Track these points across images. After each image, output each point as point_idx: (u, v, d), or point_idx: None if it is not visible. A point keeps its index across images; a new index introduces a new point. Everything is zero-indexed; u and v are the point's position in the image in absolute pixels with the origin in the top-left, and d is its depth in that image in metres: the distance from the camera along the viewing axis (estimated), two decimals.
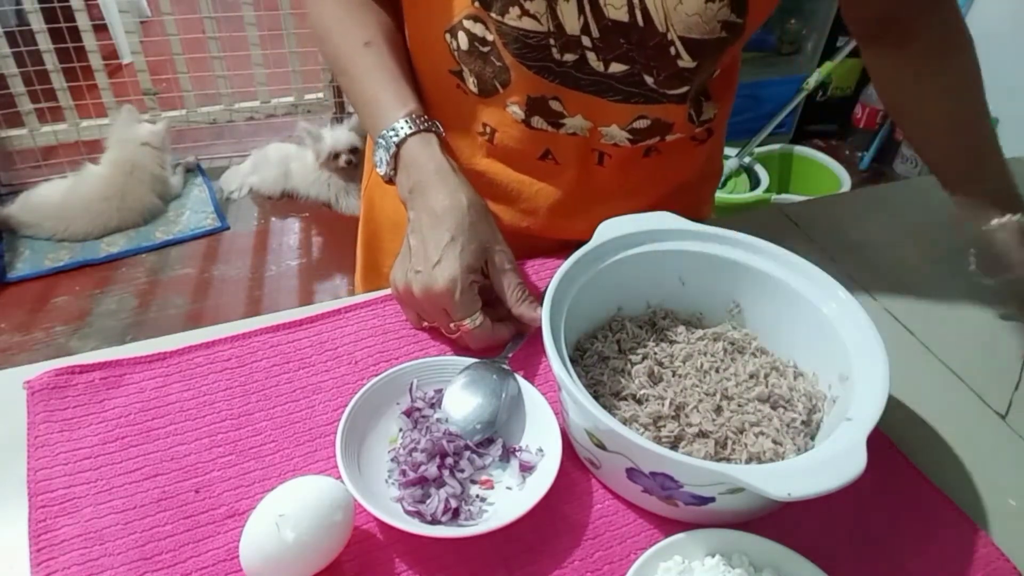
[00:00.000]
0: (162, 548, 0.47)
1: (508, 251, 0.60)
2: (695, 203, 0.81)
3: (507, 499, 0.50)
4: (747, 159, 2.25)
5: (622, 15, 0.58)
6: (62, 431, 0.53)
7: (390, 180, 0.64)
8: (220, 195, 2.38)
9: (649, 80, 0.62)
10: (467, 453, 0.52)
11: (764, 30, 2.56)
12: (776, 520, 0.50)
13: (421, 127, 0.61)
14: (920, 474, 0.55)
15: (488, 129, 0.69)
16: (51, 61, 2.13)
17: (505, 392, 0.55)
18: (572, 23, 0.58)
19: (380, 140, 0.62)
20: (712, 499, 0.46)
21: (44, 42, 2.09)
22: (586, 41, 0.60)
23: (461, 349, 0.61)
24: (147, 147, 2.19)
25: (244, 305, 2.04)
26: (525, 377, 0.56)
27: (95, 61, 2.19)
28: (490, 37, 0.61)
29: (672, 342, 0.59)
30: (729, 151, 2.28)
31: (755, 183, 2.23)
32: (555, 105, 0.65)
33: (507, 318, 0.61)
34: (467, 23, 0.62)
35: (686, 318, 0.62)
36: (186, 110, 2.42)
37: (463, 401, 0.54)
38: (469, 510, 0.49)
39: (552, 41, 0.60)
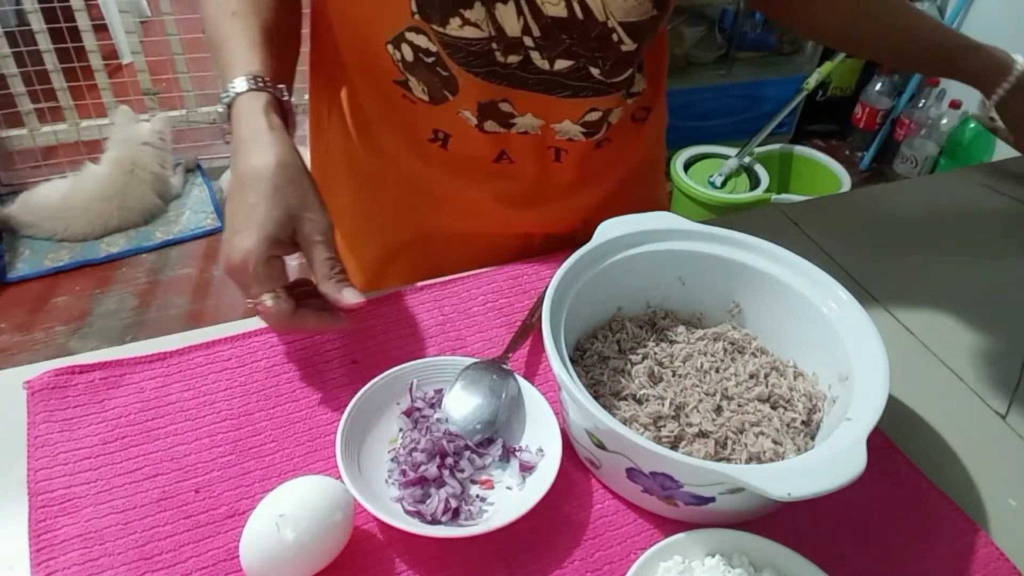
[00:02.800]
0: (162, 548, 0.47)
1: (321, 220, 0.54)
2: (649, 187, 0.83)
3: (507, 499, 0.50)
4: (747, 159, 2.25)
5: (560, 11, 0.58)
6: (62, 431, 0.53)
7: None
8: (220, 195, 2.37)
9: (595, 72, 0.63)
10: (467, 453, 0.52)
11: (764, 30, 2.56)
12: (776, 520, 0.50)
13: (254, 86, 0.56)
14: (920, 474, 0.55)
15: (441, 135, 0.68)
16: (51, 61, 2.12)
17: (505, 392, 0.55)
18: (512, 25, 0.58)
19: (221, 99, 0.58)
20: (712, 499, 0.46)
21: (44, 42, 2.09)
22: (528, 41, 0.59)
23: (461, 349, 0.61)
24: (148, 146, 2.19)
25: (244, 305, 2.04)
26: (525, 377, 0.56)
27: (95, 61, 2.19)
28: (433, 48, 0.61)
29: (672, 342, 0.59)
30: (729, 151, 2.28)
31: (755, 183, 2.23)
32: (505, 107, 0.65)
33: (332, 308, 0.55)
34: (409, 35, 0.61)
35: (686, 318, 0.62)
36: (186, 110, 2.41)
37: (463, 401, 0.54)
38: (469, 510, 0.49)
39: (495, 45, 0.59)
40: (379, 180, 0.74)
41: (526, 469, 0.52)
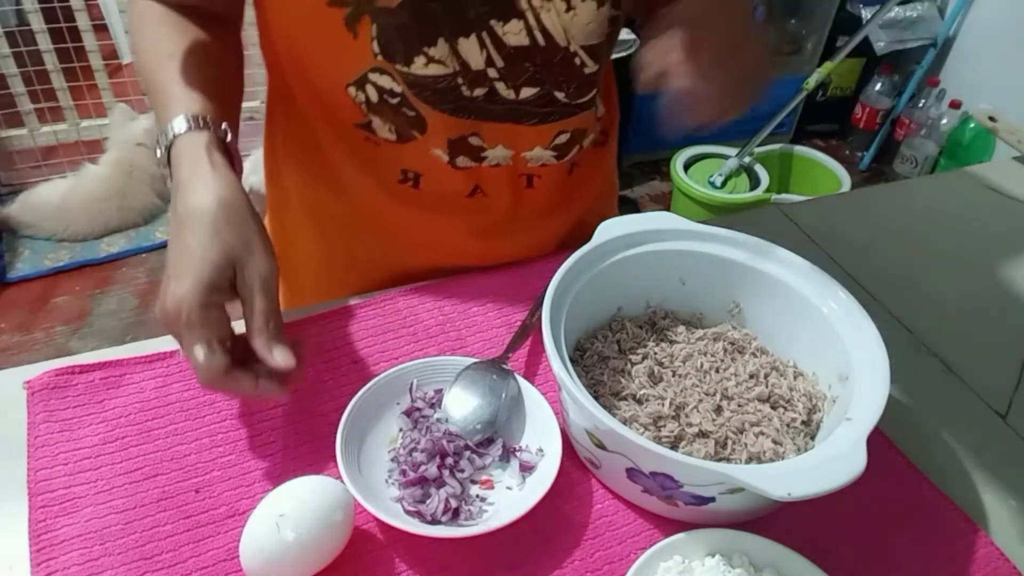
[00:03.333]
0: (162, 548, 0.47)
1: (264, 265, 0.49)
2: (606, 214, 0.79)
3: (507, 499, 0.50)
4: (747, 159, 2.25)
5: (522, 39, 0.57)
6: (62, 431, 0.53)
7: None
8: None
9: (561, 96, 0.62)
10: (467, 453, 0.52)
11: (764, 30, 2.56)
12: (776, 520, 0.50)
13: (195, 126, 0.53)
14: (920, 474, 0.55)
15: (411, 175, 0.66)
16: (51, 61, 2.12)
17: (505, 392, 0.55)
18: (476, 59, 0.58)
19: (156, 147, 0.55)
20: (712, 499, 0.46)
21: (44, 42, 2.09)
22: (492, 73, 0.59)
23: (462, 349, 0.61)
24: (143, 147, 2.19)
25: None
26: (525, 377, 0.56)
27: (95, 61, 2.19)
28: (398, 88, 0.60)
29: (672, 342, 0.59)
30: (729, 151, 2.28)
31: (755, 183, 2.23)
32: (474, 140, 0.64)
33: (278, 374, 0.49)
34: (373, 76, 0.59)
35: (686, 318, 0.62)
36: None
37: (463, 401, 0.54)
38: (469, 510, 0.49)
39: (460, 80, 0.59)
40: (344, 223, 0.72)
41: (526, 469, 0.52)
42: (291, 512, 0.43)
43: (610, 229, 0.59)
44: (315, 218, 0.74)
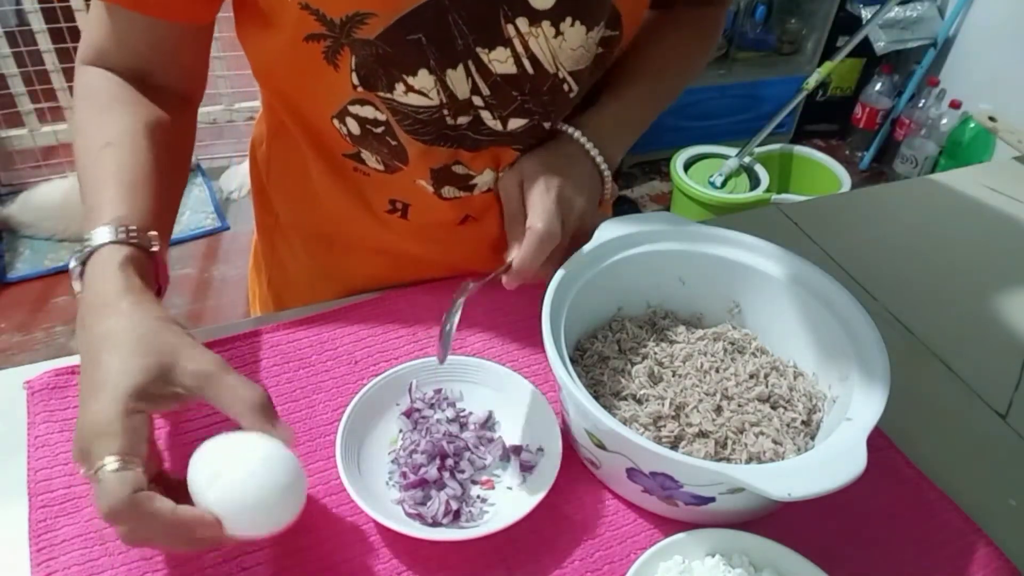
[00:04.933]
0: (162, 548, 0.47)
1: (208, 355, 0.43)
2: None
3: (508, 499, 0.50)
4: (747, 159, 2.25)
5: (509, 68, 0.55)
6: (62, 431, 0.53)
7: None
8: (220, 195, 2.37)
9: (548, 126, 0.61)
10: (467, 454, 0.52)
11: (764, 30, 2.56)
12: (776, 520, 0.50)
13: (115, 238, 0.47)
14: (920, 474, 0.55)
15: (400, 205, 0.65)
16: (51, 61, 2.12)
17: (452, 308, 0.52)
18: (462, 89, 0.56)
19: (75, 254, 0.48)
20: (712, 499, 0.46)
21: (44, 42, 2.09)
22: (477, 101, 0.57)
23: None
24: None
25: (244, 305, 2.04)
26: (525, 377, 0.56)
27: None
28: (382, 117, 0.58)
29: (672, 342, 0.59)
30: (729, 151, 2.28)
31: (755, 183, 2.23)
32: (459, 169, 0.62)
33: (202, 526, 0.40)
34: (353, 108, 0.57)
35: (686, 318, 0.62)
36: None
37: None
38: (470, 511, 0.49)
39: (445, 112, 0.57)
40: (336, 243, 0.71)
41: (526, 469, 0.52)
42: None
43: (610, 229, 0.59)
44: (306, 241, 0.73)
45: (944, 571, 0.49)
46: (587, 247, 0.57)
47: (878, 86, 2.60)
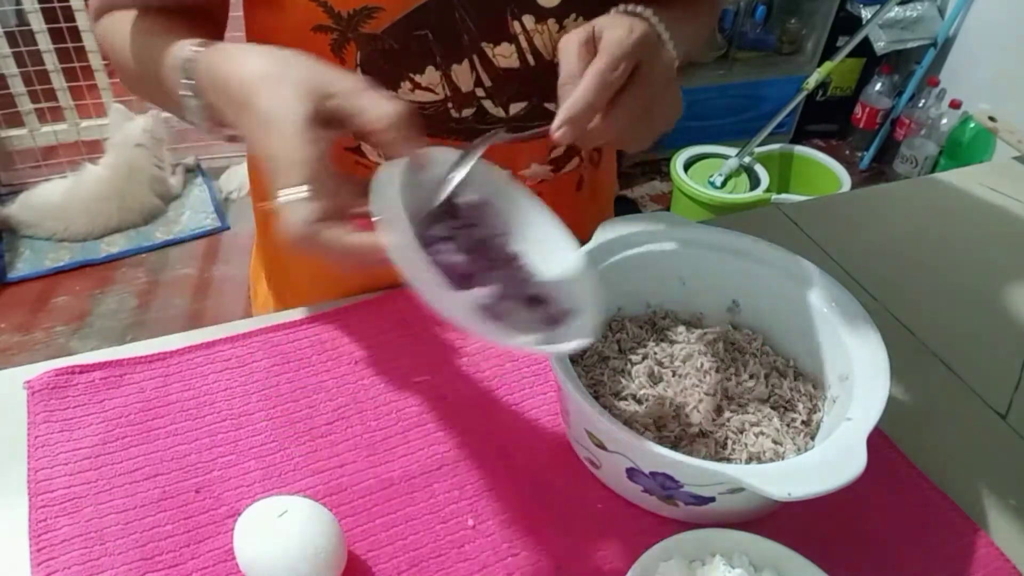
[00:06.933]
0: (162, 548, 0.47)
1: (351, 78, 0.43)
2: (605, 216, 0.77)
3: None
4: (747, 159, 2.25)
5: (513, 62, 0.56)
6: (62, 431, 0.53)
7: (216, 123, 0.48)
8: (220, 195, 2.37)
9: (551, 107, 0.61)
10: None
11: (764, 30, 2.57)
12: (776, 520, 0.50)
13: (208, 45, 0.47)
14: (920, 474, 0.55)
15: None
16: (51, 61, 2.12)
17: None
18: (466, 83, 0.57)
19: (178, 86, 0.47)
20: (712, 499, 0.46)
21: (44, 42, 2.09)
22: (480, 92, 0.58)
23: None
24: (141, 148, 2.19)
25: (244, 305, 2.04)
26: (525, 376, 0.56)
27: (95, 61, 2.19)
28: None
29: (672, 342, 0.59)
30: (729, 151, 2.28)
31: (755, 183, 2.23)
32: None
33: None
34: None
35: (686, 318, 0.62)
36: None
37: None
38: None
39: (450, 104, 0.58)
40: None
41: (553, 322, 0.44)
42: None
43: (610, 229, 0.59)
44: None
45: (944, 571, 0.49)
46: (587, 247, 0.57)
47: (878, 86, 2.60)
